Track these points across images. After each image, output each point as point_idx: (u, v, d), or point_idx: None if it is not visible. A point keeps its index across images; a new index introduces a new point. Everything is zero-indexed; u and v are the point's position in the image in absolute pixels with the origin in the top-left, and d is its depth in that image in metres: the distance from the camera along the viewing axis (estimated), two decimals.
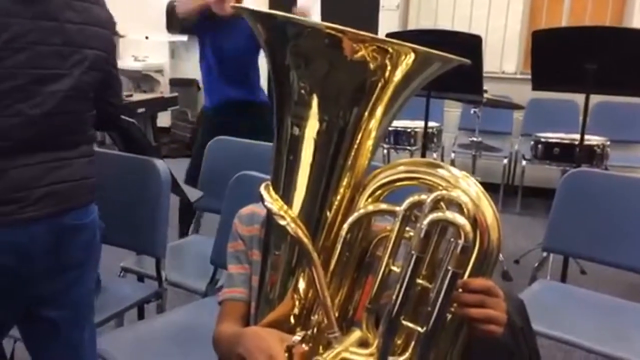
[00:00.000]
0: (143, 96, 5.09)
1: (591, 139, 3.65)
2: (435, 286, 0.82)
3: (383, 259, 0.88)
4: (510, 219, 4.40)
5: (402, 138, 4.25)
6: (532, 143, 3.93)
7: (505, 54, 5.15)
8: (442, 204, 0.83)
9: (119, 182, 2.04)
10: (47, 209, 1.44)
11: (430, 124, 3.42)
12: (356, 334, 0.92)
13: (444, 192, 0.83)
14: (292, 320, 0.95)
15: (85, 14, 1.50)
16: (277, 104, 0.91)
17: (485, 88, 3.13)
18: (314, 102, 0.86)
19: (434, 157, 4.52)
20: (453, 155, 4.60)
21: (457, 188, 0.83)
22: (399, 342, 0.88)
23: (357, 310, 0.95)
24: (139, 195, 1.98)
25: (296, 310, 0.95)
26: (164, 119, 5.79)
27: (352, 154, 0.89)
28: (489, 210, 0.83)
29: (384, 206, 0.90)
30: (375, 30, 4.93)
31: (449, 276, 0.80)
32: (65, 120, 1.48)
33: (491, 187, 0.84)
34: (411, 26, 5.35)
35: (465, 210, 0.81)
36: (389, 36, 2.43)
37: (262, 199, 0.92)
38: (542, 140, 3.85)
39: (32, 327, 1.59)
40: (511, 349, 1.09)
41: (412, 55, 0.81)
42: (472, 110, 3.74)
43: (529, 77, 2.92)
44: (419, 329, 0.84)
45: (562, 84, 2.84)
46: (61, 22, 1.44)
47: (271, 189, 0.93)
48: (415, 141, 4.23)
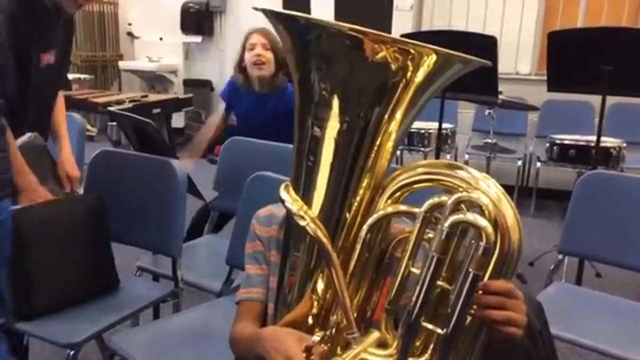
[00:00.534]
0: (159, 97, 5.11)
1: (607, 141, 3.62)
2: (456, 288, 0.82)
3: (403, 261, 0.88)
4: (524, 221, 4.20)
5: (415, 139, 4.22)
6: (548, 145, 3.90)
7: (520, 55, 5.11)
8: (462, 205, 0.83)
9: (135, 182, 2.05)
10: None
11: (444, 125, 3.40)
12: (375, 335, 0.92)
13: (464, 193, 0.83)
14: (311, 321, 0.96)
15: None
16: (298, 105, 0.92)
17: (500, 89, 3.12)
18: (335, 103, 0.86)
19: (448, 158, 4.50)
20: (467, 156, 4.57)
21: (477, 190, 0.83)
22: (418, 343, 0.88)
23: (376, 311, 0.95)
24: (155, 195, 1.99)
25: (315, 311, 0.95)
26: (177, 120, 5.81)
27: (372, 155, 0.89)
28: (509, 212, 0.83)
29: (403, 208, 0.90)
30: (389, 31, 4.92)
31: (469, 278, 0.81)
32: None
33: (505, 189, 0.84)
34: (425, 27, 5.33)
35: (486, 212, 0.81)
36: (403, 37, 2.43)
37: (281, 200, 0.93)
38: (558, 142, 3.82)
39: None
40: (529, 351, 1.08)
41: (434, 57, 0.81)
42: (487, 112, 3.72)
43: (544, 78, 2.90)
44: (439, 331, 0.84)
45: (578, 85, 2.82)
46: None
47: (291, 189, 0.93)
48: (429, 142, 4.20)
